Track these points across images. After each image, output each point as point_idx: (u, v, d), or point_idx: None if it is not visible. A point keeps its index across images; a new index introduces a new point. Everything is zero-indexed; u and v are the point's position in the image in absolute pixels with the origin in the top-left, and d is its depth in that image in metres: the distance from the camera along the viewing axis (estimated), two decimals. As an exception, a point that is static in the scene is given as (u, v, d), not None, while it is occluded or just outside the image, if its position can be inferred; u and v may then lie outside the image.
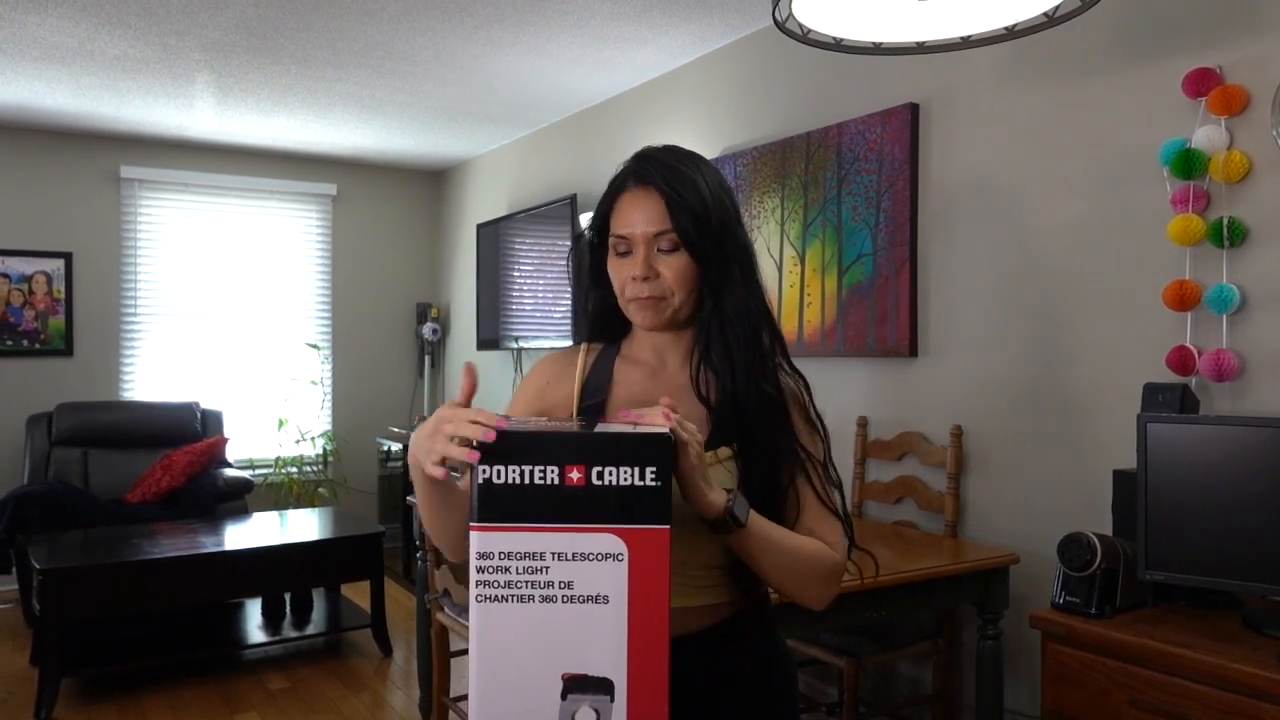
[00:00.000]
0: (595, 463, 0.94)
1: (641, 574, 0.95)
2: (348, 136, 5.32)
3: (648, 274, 1.17)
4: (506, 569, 0.94)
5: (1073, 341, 2.55)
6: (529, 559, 0.94)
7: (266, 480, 5.49)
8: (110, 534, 3.97)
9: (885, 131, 3.05)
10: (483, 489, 0.94)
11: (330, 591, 4.51)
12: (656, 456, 0.95)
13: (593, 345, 1.30)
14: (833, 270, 3.22)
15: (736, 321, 1.17)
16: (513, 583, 0.94)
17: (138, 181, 5.42)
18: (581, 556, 0.95)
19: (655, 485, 0.95)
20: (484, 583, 0.94)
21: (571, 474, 0.94)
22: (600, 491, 0.94)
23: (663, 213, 1.16)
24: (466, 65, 3.99)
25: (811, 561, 1.14)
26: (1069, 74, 2.56)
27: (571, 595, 0.95)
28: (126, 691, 3.59)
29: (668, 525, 0.96)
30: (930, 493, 2.88)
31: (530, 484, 0.94)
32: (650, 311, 1.19)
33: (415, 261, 6.37)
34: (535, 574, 0.94)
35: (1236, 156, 2.16)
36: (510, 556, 0.94)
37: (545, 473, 0.94)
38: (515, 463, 0.94)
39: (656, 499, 0.95)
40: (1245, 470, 1.83)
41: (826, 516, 1.19)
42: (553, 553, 0.94)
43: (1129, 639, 1.81)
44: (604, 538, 0.95)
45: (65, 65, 3.99)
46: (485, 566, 0.94)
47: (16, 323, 5.13)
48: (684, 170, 1.18)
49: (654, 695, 0.96)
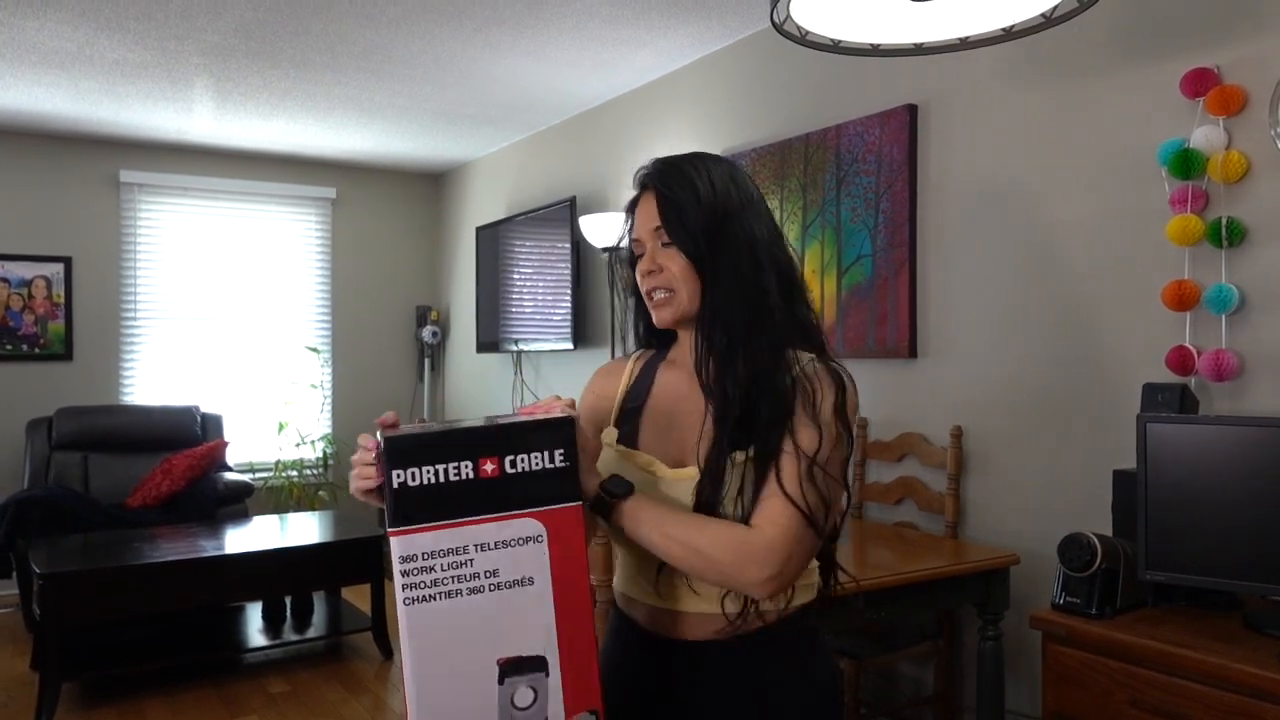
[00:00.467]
0: (508, 451, 0.98)
1: (561, 551, 0.99)
2: (347, 140, 5.33)
3: (652, 267, 1.20)
4: (431, 568, 0.95)
5: (1072, 342, 2.55)
6: (452, 554, 0.96)
7: (267, 484, 5.49)
8: (111, 538, 3.97)
9: (884, 133, 3.05)
10: (398, 494, 0.94)
11: (330, 595, 4.51)
12: (564, 439, 1.00)
13: (644, 353, 1.33)
14: (832, 271, 3.23)
15: (733, 314, 1.15)
16: (439, 580, 0.95)
17: (137, 186, 5.42)
18: (503, 544, 0.97)
19: (565, 465, 1.00)
20: (411, 585, 0.95)
21: (485, 466, 0.97)
22: (516, 479, 0.97)
23: (655, 209, 1.20)
24: (465, 68, 4.00)
25: (712, 540, 1.07)
26: (1067, 75, 2.56)
27: (498, 583, 0.97)
28: (127, 695, 3.58)
29: (579, 502, 1.01)
30: (930, 493, 2.88)
31: (446, 481, 0.95)
32: (663, 308, 1.21)
33: (415, 264, 6.37)
34: (460, 568, 0.96)
35: (1235, 156, 2.16)
36: (434, 555, 0.95)
37: (460, 468, 0.96)
38: (428, 463, 0.95)
39: (568, 478, 1.00)
40: (1245, 470, 1.83)
41: (772, 498, 1.09)
42: (475, 544, 0.96)
43: (1129, 639, 1.81)
44: (523, 522, 0.98)
45: (64, 70, 4.00)
46: (410, 569, 0.95)
47: (16, 327, 5.13)
48: (680, 168, 1.20)
49: (585, 665, 1.00)
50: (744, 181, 1.22)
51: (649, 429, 1.23)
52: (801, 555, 1.08)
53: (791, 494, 1.08)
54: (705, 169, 1.20)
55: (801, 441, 1.10)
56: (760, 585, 1.07)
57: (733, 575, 1.07)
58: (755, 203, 1.22)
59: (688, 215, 1.17)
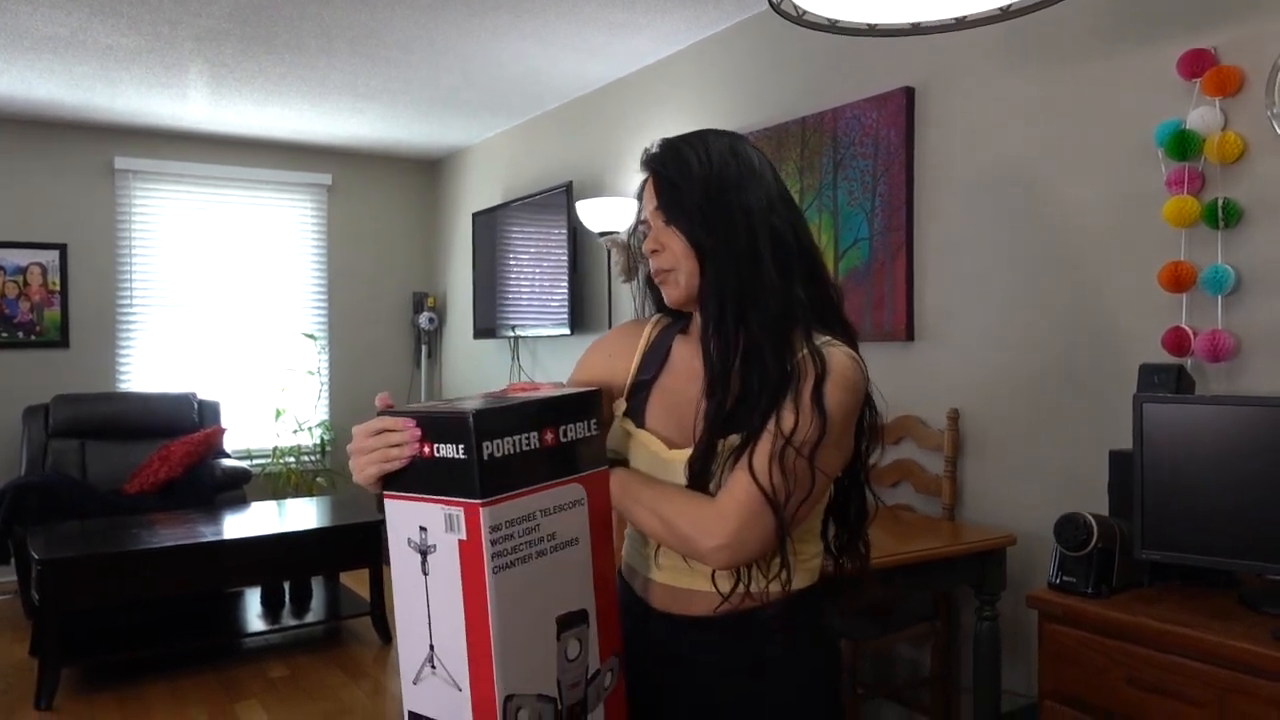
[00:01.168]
0: (563, 422, 1.04)
1: (596, 513, 1.07)
2: (342, 126, 5.31)
3: (655, 246, 1.20)
4: (510, 536, 0.98)
5: (1069, 323, 2.56)
6: (525, 521, 1.00)
7: (264, 470, 5.49)
8: (109, 524, 3.98)
9: (881, 116, 3.04)
10: (487, 465, 0.96)
11: (329, 580, 4.52)
12: (596, 408, 1.09)
13: (662, 319, 1.31)
14: (829, 255, 3.22)
15: (727, 289, 1.13)
16: (517, 547, 0.99)
17: (132, 173, 5.40)
18: (559, 508, 1.03)
19: (597, 433, 1.09)
20: (499, 553, 0.97)
21: (547, 436, 1.02)
22: (567, 447, 1.04)
23: (653, 187, 1.20)
24: (461, 52, 3.98)
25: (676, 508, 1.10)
26: (1064, 56, 2.56)
27: (556, 544, 1.03)
28: (126, 680, 3.60)
29: (607, 466, 1.12)
30: (927, 476, 2.89)
31: (519, 452, 1.00)
32: (669, 288, 1.21)
33: (411, 251, 6.36)
34: (531, 534, 1.00)
35: (1231, 137, 2.16)
36: (513, 523, 0.99)
37: (529, 439, 1.01)
38: (508, 434, 0.99)
39: (600, 445, 1.10)
40: (1241, 450, 1.84)
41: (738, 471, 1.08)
42: (540, 510, 1.01)
43: (1125, 618, 1.82)
44: (570, 488, 1.05)
45: (58, 55, 3.98)
46: (498, 539, 0.97)
47: (12, 314, 5.12)
48: (678, 148, 1.19)
49: (611, 614, 1.09)
50: (746, 153, 1.19)
51: (657, 405, 1.23)
52: (758, 531, 1.07)
53: (757, 471, 1.07)
54: (704, 145, 1.18)
55: (783, 423, 1.08)
56: (711, 553, 1.08)
57: (691, 543, 1.09)
58: (758, 175, 1.18)
59: (683, 194, 1.16)
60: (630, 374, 1.27)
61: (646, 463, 1.18)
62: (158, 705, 3.39)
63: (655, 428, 1.21)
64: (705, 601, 1.16)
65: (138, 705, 3.39)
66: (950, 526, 2.68)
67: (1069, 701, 1.91)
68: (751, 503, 1.06)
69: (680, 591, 1.19)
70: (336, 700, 3.46)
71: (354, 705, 3.42)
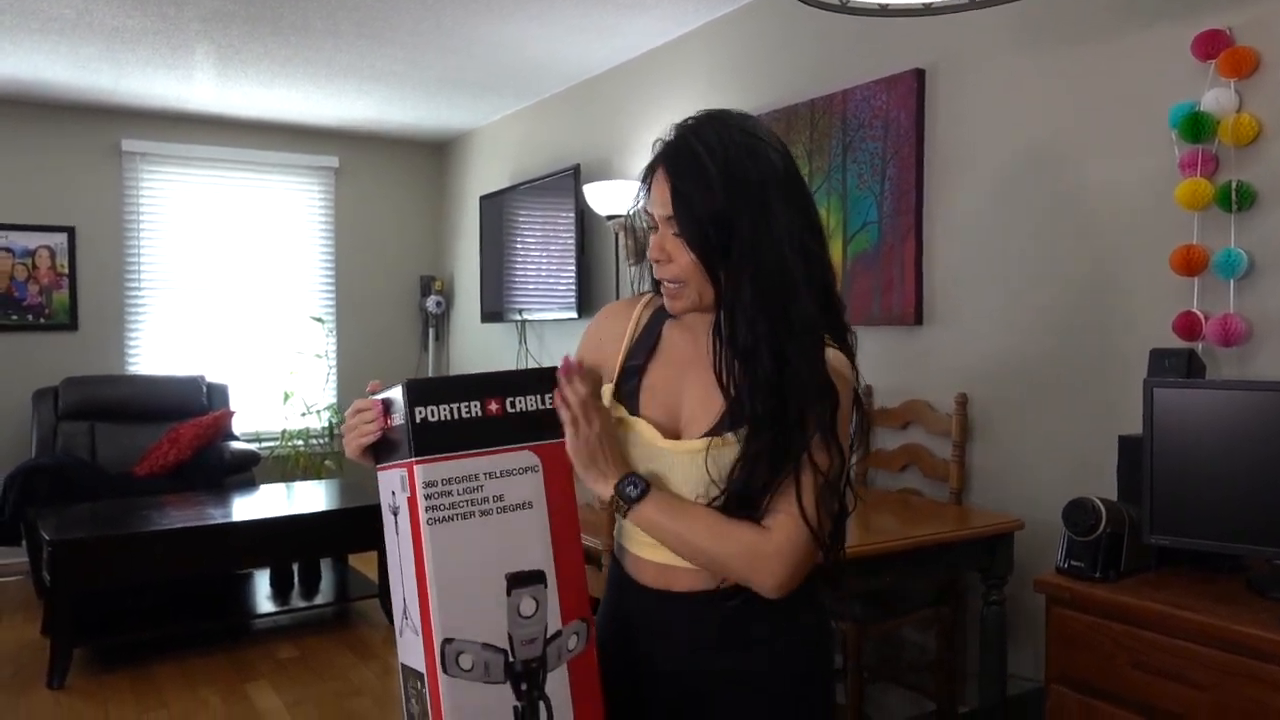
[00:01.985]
0: (510, 394, 1.13)
1: (554, 479, 1.14)
2: (349, 108, 5.29)
3: (660, 256, 1.16)
4: (449, 492, 1.08)
5: (1079, 307, 2.54)
6: (466, 481, 1.09)
7: (273, 453, 5.51)
8: (119, 506, 4.00)
9: (891, 98, 3.02)
10: (420, 427, 1.08)
11: (338, 562, 4.55)
12: (554, 383, 1.15)
13: (653, 299, 1.29)
14: (838, 238, 3.21)
15: (758, 314, 1.10)
16: (456, 504, 1.08)
17: (139, 155, 5.40)
18: (506, 473, 1.11)
19: (555, 407, 1.15)
20: (433, 507, 1.07)
21: (490, 405, 1.12)
22: (516, 418, 1.13)
23: (668, 199, 1.13)
24: (467, 34, 3.96)
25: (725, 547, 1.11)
26: (1076, 37, 2.53)
27: (503, 505, 1.11)
28: (137, 661, 3.63)
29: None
30: (935, 460, 2.88)
31: (459, 419, 1.09)
32: (673, 300, 1.18)
33: (418, 234, 6.35)
34: (473, 493, 1.09)
35: (1246, 119, 2.14)
36: (451, 481, 1.08)
37: (470, 407, 1.10)
38: (444, 402, 1.09)
39: (557, 418, 1.14)
40: (1251, 435, 1.83)
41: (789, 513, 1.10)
42: (484, 473, 1.10)
43: (1133, 602, 1.81)
44: (522, 454, 1.13)
45: (64, 37, 3.97)
46: (432, 494, 1.07)
47: (21, 297, 5.14)
48: (695, 155, 1.11)
49: (577, 579, 1.15)
50: (765, 154, 1.12)
51: (649, 392, 1.22)
52: (808, 563, 1.12)
53: (808, 514, 1.10)
54: (723, 149, 1.11)
55: (819, 461, 1.10)
56: (769, 590, 1.12)
57: (743, 577, 1.12)
58: (781, 178, 1.12)
59: (699, 208, 1.10)
60: (619, 359, 1.26)
61: (642, 452, 1.18)
62: (168, 685, 3.42)
63: (649, 415, 1.20)
64: (694, 578, 1.17)
65: (148, 685, 3.42)
66: (958, 511, 2.68)
67: (1075, 686, 1.91)
68: (805, 544, 1.11)
69: (669, 568, 1.19)
70: (346, 681, 3.48)
71: (363, 686, 3.44)
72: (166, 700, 3.29)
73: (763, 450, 1.10)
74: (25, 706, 3.23)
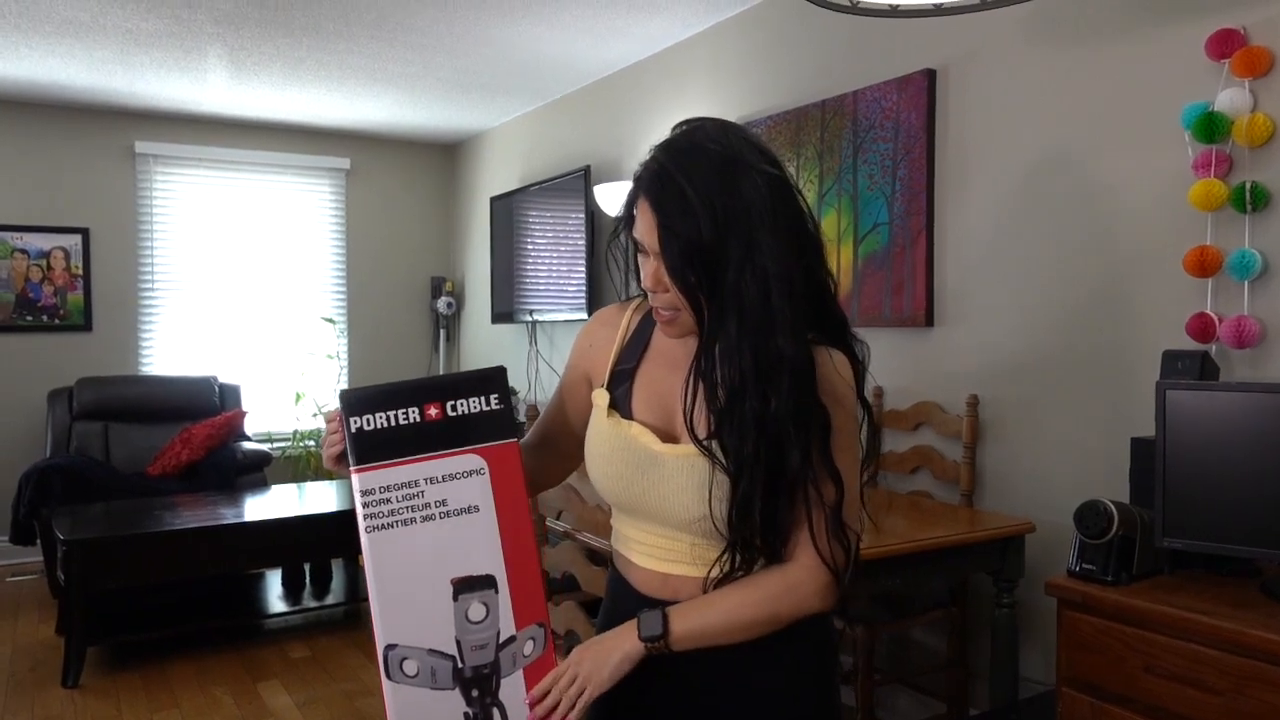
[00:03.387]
0: (449, 398, 1.11)
1: (502, 482, 1.12)
2: (360, 110, 5.31)
3: (655, 286, 1.12)
4: (388, 500, 1.08)
5: (1091, 309, 2.53)
6: (406, 488, 1.09)
7: (285, 453, 5.54)
8: (132, 506, 4.03)
9: (901, 99, 3.01)
10: (356, 437, 1.08)
11: (349, 562, 4.56)
12: (497, 385, 1.14)
13: (642, 303, 1.27)
14: (848, 240, 3.20)
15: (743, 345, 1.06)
16: (395, 510, 1.08)
17: (152, 157, 5.43)
18: (449, 477, 1.10)
19: (500, 408, 1.14)
20: (371, 515, 1.08)
21: (430, 410, 1.11)
22: (457, 421, 1.11)
23: (656, 235, 1.08)
24: (478, 36, 3.97)
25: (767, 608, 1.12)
26: (1088, 37, 2.52)
27: (447, 511, 1.10)
28: (151, 660, 3.65)
29: (515, 439, 1.15)
30: (946, 463, 2.87)
31: (396, 425, 1.09)
32: (667, 325, 1.15)
33: (429, 235, 6.37)
34: (413, 499, 1.09)
35: (1260, 119, 2.12)
36: (390, 489, 1.08)
37: (408, 414, 1.10)
38: (380, 410, 1.09)
39: (503, 419, 1.13)
40: (1265, 437, 1.81)
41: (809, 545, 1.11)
42: (425, 478, 1.09)
43: (1145, 605, 1.80)
44: (466, 458, 1.11)
45: (79, 39, 4.00)
46: (369, 501, 1.08)
47: (36, 298, 5.18)
48: (676, 184, 1.06)
49: (531, 583, 1.12)
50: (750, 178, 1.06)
51: (641, 395, 1.20)
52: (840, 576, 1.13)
53: (822, 552, 1.11)
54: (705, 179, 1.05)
55: (824, 491, 1.09)
56: (823, 607, 1.14)
57: (799, 615, 1.13)
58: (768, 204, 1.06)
59: (686, 245, 1.05)
60: (610, 363, 1.25)
61: (638, 457, 1.16)
62: (181, 684, 3.44)
63: (643, 419, 1.18)
64: (694, 586, 1.16)
65: (161, 684, 3.44)
66: (969, 513, 2.67)
67: (1087, 689, 1.90)
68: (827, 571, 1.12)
69: (670, 577, 1.18)
70: (357, 681, 3.50)
71: (374, 686, 3.45)
72: (179, 699, 3.31)
73: (753, 492, 1.06)
74: (40, 705, 3.25)
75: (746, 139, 1.11)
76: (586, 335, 1.31)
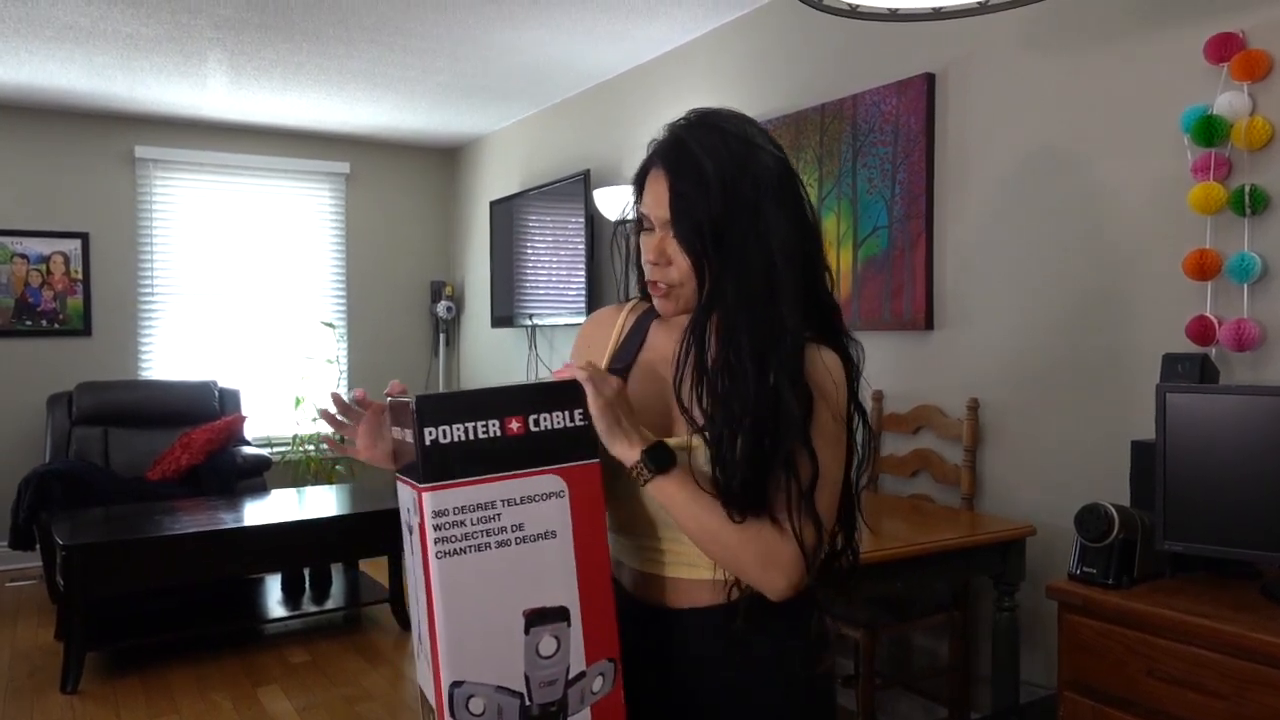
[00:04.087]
0: (532, 411, 1.02)
1: (581, 505, 1.03)
2: (360, 114, 5.32)
3: (658, 259, 1.12)
4: (462, 522, 0.98)
5: (1091, 312, 2.53)
6: (482, 510, 0.99)
7: (284, 458, 5.54)
8: (132, 510, 4.02)
9: (901, 102, 3.01)
10: (430, 450, 0.97)
11: (348, 567, 4.56)
12: (581, 399, 1.04)
13: (638, 304, 1.28)
14: (848, 243, 3.21)
15: (740, 333, 1.07)
16: (469, 534, 0.99)
17: (152, 161, 5.43)
18: (528, 499, 1.01)
19: (584, 424, 1.04)
20: (442, 539, 0.98)
21: (511, 424, 1.01)
22: (539, 437, 1.02)
23: (665, 197, 1.10)
24: (478, 40, 3.97)
25: (735, 538, 1.06)
26: (1088, 41, 2.52)
27: (523, 536, 1.01)
28: (150, 665, 3.64)
29: (597, 459, 1.05)
30: (946, 466, 2.87)
31: (475, 439, 0.99)
32: (664, 300, 1.15)
33: (429, 239, 6.37)
34: (489, 522, 0.99)
35: (1259, 123, 2.12)
36: (464, 510, 0.98)
37: (488, 427, 1.00)
38: (458, 421, 0.99)
39: (586, 436, 1.04)
40: (1265, 440, 1.81)
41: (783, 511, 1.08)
42: (502, 500, 1.00)
43: (1146, 609, 1.80)
44: (546, 479, 1.02)
45: (79, 44, 4.00)
46: (441, 524, 0.97)
47: (35, 303, 5.18)
48: (691, 153, 1.09)
49: (604, 615, 1.05)
50: (760, 158, 1.10)
51: (635, 391, 1.19)
52: (813, 564, 1.09)
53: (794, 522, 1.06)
54: (719, 152, 1.08)
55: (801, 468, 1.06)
56: (779, 591, 1.07)
57: (754, 575, 1.07)
58: (775, 183, 1.10)
59: (698, 211, 1.07)
60: (604, 362, 1.25)
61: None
62: (181, 689, 3.44)
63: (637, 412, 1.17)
64: (696, 590, 1.14)
65: (161, 689, 3.44)
66: (969, 517, 2.67)
67: (1088, 693, 1.89)
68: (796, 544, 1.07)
69: (670, 582, 1.17)
70: (356, 686, 3.49)
71: (374, 690, 3.44)
72: (178, 704, 3.30)
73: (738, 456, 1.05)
74: (39, 710, 3.24)
75: (759, 127, 1.15)
76: (583, 336, 1.33)
